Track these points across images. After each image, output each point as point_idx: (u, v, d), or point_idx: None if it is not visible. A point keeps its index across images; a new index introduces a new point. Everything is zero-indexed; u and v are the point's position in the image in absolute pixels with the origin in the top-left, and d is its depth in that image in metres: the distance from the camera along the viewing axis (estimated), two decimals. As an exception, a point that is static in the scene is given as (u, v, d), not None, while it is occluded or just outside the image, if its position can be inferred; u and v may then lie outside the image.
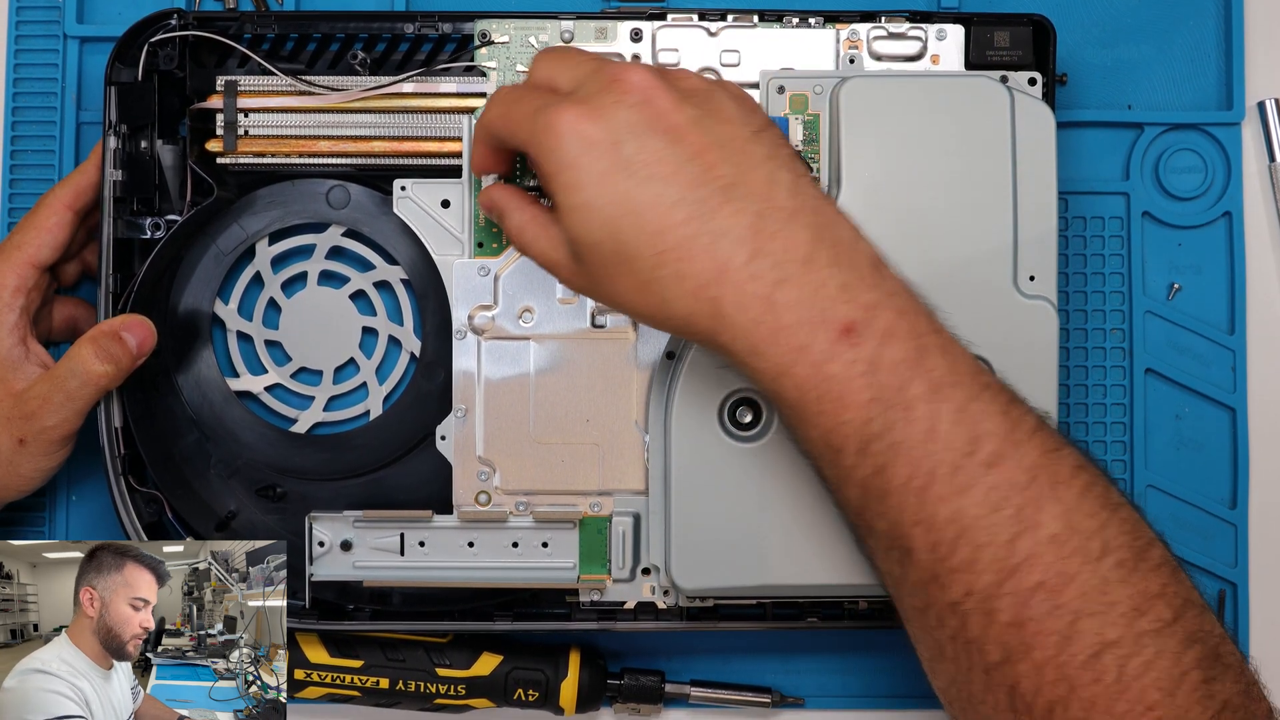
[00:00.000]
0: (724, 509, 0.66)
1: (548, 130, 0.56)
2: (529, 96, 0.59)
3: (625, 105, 0.56)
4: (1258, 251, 0.76)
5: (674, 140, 0.56)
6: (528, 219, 0.61)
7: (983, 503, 0.53)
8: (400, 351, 0.72)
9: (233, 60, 0.70)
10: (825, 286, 0.54)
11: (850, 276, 0.55)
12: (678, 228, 0.55)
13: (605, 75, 0.57)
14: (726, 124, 0.57)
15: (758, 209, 0.55)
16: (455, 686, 0.71)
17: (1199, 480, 0.74)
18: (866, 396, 0.54)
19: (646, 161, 0.55)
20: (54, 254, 0.68)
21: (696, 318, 0.55)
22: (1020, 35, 0.69)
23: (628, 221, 0.55)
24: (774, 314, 0.54)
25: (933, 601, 0.55)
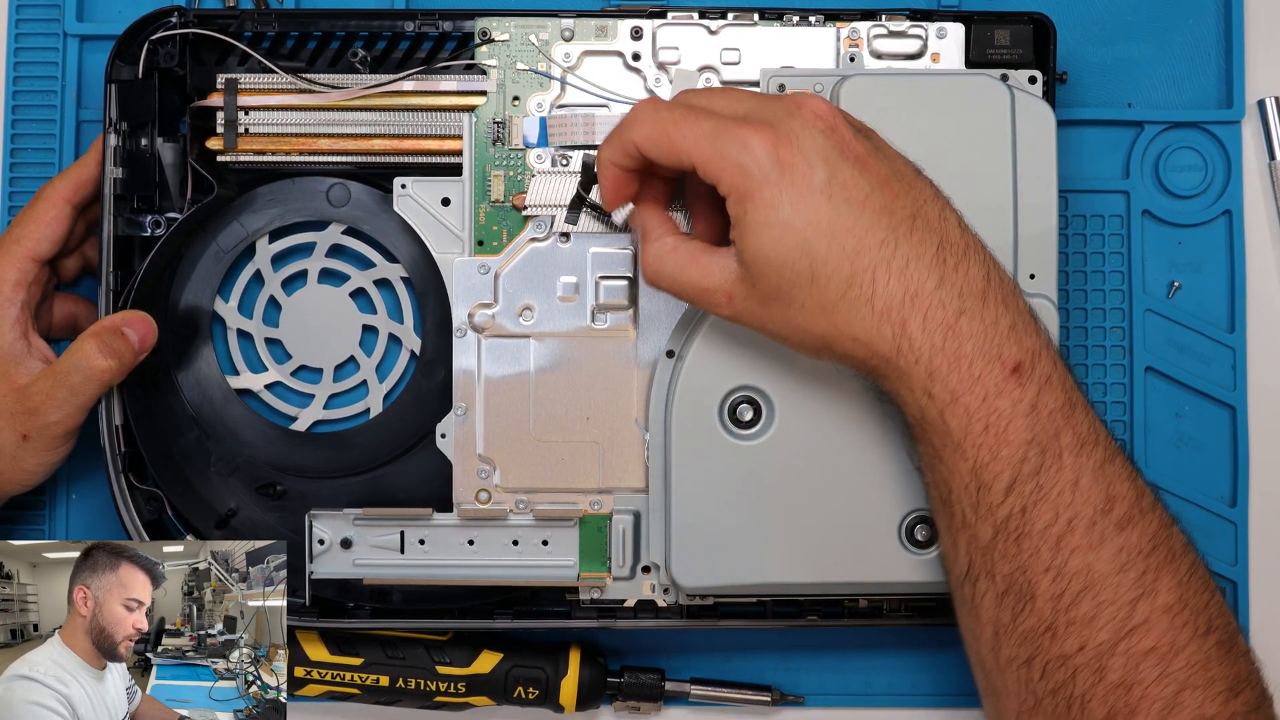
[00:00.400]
0: (724, 507, 0.66)
1: (742, 150, 0.57)
2: (697, 116, 0.59)
3: (815, 130, 0.57)
4: (1258, 250, 0.76)
5: (862, 169, 0.57)
6: (670, 248, 0.61)
7: (1112, 561, 0.55)
8: (400, 349, 0.72)
9: (233, 58, 0.70)
10: (999, 324, 0.57)
11: (1017, 319, 0.57)
12: (873, 250, 0.56)
13: (788, 101, 0.59)
14: (894, 160, 0.59)
15: (938, 240, 0.57)
16: (455, 684, 0.71)
17: (1199, 478, 0.74)
18: (1026, 436, 0.56)
19: (843, 186, 0.57)
20: (53, 248, 0.68)
21: (879, 340, 0.57)
22: (1020, 33, 0.69)
23: (824, 242, 0.56)
24: (957, 341, 0.56)
25: (1041, 652, 0.56)
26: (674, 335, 0.68)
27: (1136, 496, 0.57)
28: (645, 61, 0.69)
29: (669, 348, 0.68)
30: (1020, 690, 0.57)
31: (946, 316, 0.56)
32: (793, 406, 0.65)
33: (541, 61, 0.69)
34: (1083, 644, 0.55)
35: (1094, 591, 0.55)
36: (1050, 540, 0.56)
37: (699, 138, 0.58)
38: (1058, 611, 0.56)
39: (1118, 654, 0.55)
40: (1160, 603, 0.55)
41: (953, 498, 0.58)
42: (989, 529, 0.57)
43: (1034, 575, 0.56)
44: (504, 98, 0.69)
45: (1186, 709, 0.54)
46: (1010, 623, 0.57)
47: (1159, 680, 0.54)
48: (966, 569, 0.59)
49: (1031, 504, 0.56)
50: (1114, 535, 0.56)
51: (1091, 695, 0.55)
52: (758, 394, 0.66)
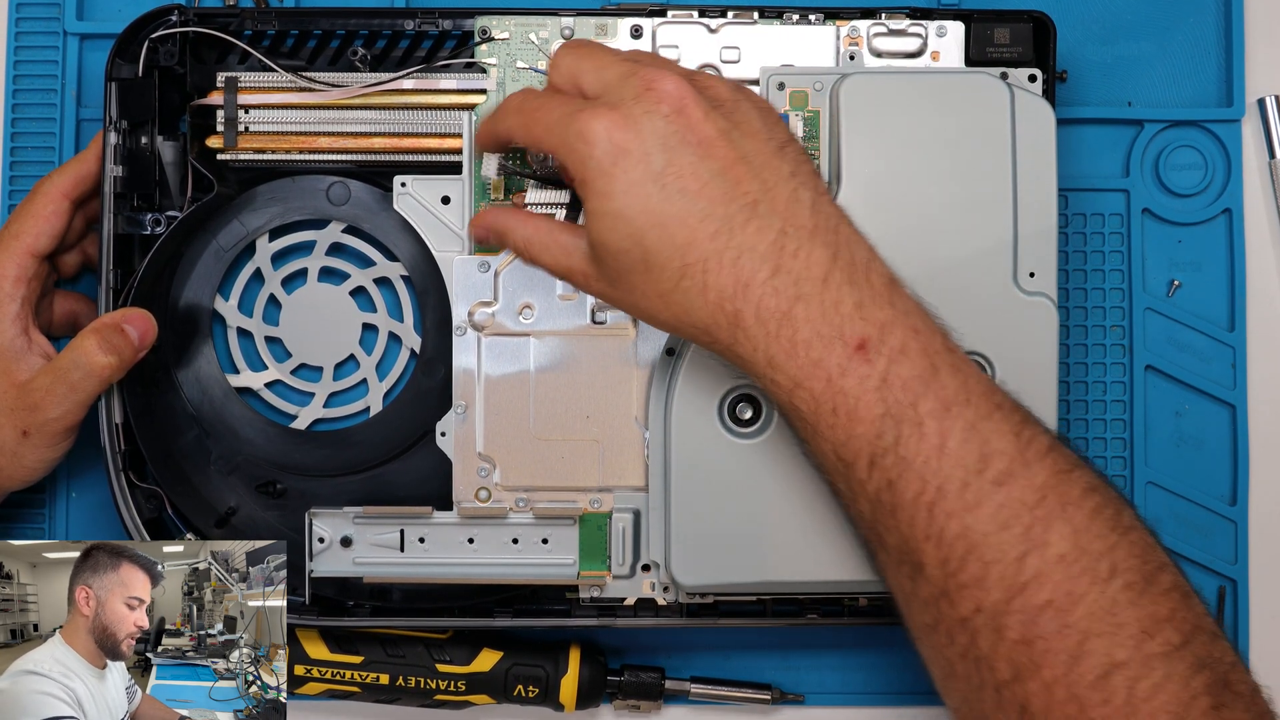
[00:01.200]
0: (724, 505, 0.66)
1: (580, 137, 0.57)
2: (554, 102, 0.59)
3: (658, 115, 0.57)
4: (1258, 248, 0.76)
5: (704, 154, 0.57)
6: (532, 232, 0.62)
7: (991, 520, 0.54)
8: (400, 348, 0.72)
9: (233, 56, 0.70)
10: (841, 304, 0.56)
11: (865, 295, 0.56)
12: (704, 242, 0.56)
13: (637, 81, 0.58)
14: (752, 138, 0.58)
15: (780, 226, 0.56)
16: (455, 682, 0.71)
17: (1199, 477, 0.74)
18: (878, 411, 0.55)
19: (677, 174, 0.56)
20: (52, 243, 0.68)
21: (716, 329, 0.57)
22: (1020, 32, 0.69)
23: (655, 233, 0.56)
24: (792, 328, 0.56)
25: (942, 617, 0.55)
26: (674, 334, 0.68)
27: (1019, 449, 0.55)
28: (645, 60, 0.69)
29: (669, 346, 0.68)
30: (935, 656, 0.57)
31: (780, 304, 0.56)
32: (793, 405, 0.65)
33: (541, 60, 0.69)
34: (977, 606, 0.54)
35: (978, 553, 0.54)
36: (923, 508, 0.55)
37: (550, 126, 0.59)
38: (947, 576, 0.55)
39: (1013, 612, 0.53)
40: (1052, 554, 0.53)
41: (829, 478, 0.58)
42: (866, 504, 0.57)
43: (917, 544, 0.55)
44: (504, 96, 0.69)
45: (1093, 656, 0.52)
46: (911, 590, 0.56)
47: (1059, 632, 0.53)
48: (866, 540, 0.59)
49: (897, 476, 0.55)
50: (991, 493, 0.54)
51: (995, 655, 0.54)
52: (758, 392, 0.66)
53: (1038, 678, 0.53)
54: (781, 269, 0.56)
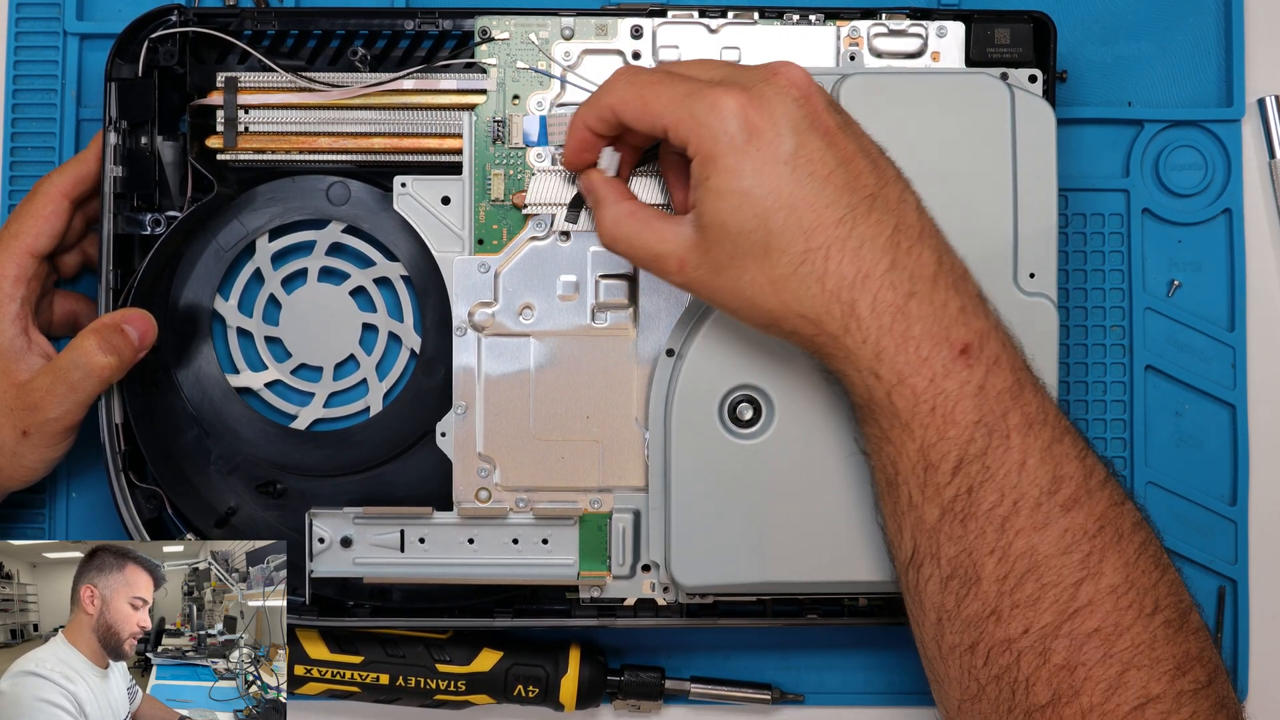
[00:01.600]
0: (724, 506, 0.66)
1: (712, 111, 0.57)
2: (673, 79, 0.59)
3: (789, 99, 0.57)
4: (1258, 248, 0.76)
5: (829, 142, 0.57)
6: (625, 213, 0.61)
7: (1056, 543, 0.55)
8: (400, 348, 0.72)
9: (233, 57, 0.70)
10: (948, 306, 0.57)
11: (966, 302, 0.57)
12: (829, 228, 0.56)
13: (762, 68, 0.58)
14: (863, 137, 0.59)
15: (895, 223, 0.57)
16: (455, 682, 0.71)
17: (1199, 477, 0.74)
18: (974, 417, 0.56)
19: (807, 159, 0.56)
20: (51, 243, 0.68)
21: (828, 318, 0.57)
22: (1020, 32, 0.69)
23: (782, 215, 0.56)
24: (905, 323, 0.56)
25: (984, 637, 0.56)
26: (674, 334, 0.68)
27: (1084, 476, 0.56)
28: (645, 60, 0.69)
29: (669, 346, 0.68)
30: (963, 678, 0.57)
31: (896, 299, 0.56)
32: (793, 406, 0.65)
33: (541, 60, 0.69)
34: (1027, 627, 0.55)
35: (1038, 574, 0.55)
36: (995, 521, 0.56)
37: (671, 99, 0.58)
38: (1002, 594, 0.55)
39: (1061, 636, 0.55)
40: (1105, 584, 0.55)
41: (899, 479, 0.58)
42: (935, 510, 0.57)
43: (979, 557, 0.56)
44: (504, 96, 0.69)
45: (1131, 688, 0.54)
46: (954, 608, 0.57)
47: (1103, 661, 0.54)
48: (911, 554, 0.59)
49: (978, 484, 0.56)
50: (1059, 517, 0.55)
51: (1036, 678, 0.55)
52: (758, 393, 0.66)
53: (1075, 704, 0.54)
54: (897, 264, 0.56)
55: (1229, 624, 0.74)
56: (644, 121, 0.59)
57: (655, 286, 0.68)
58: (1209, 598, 0.74)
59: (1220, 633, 0.74)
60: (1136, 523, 0.57)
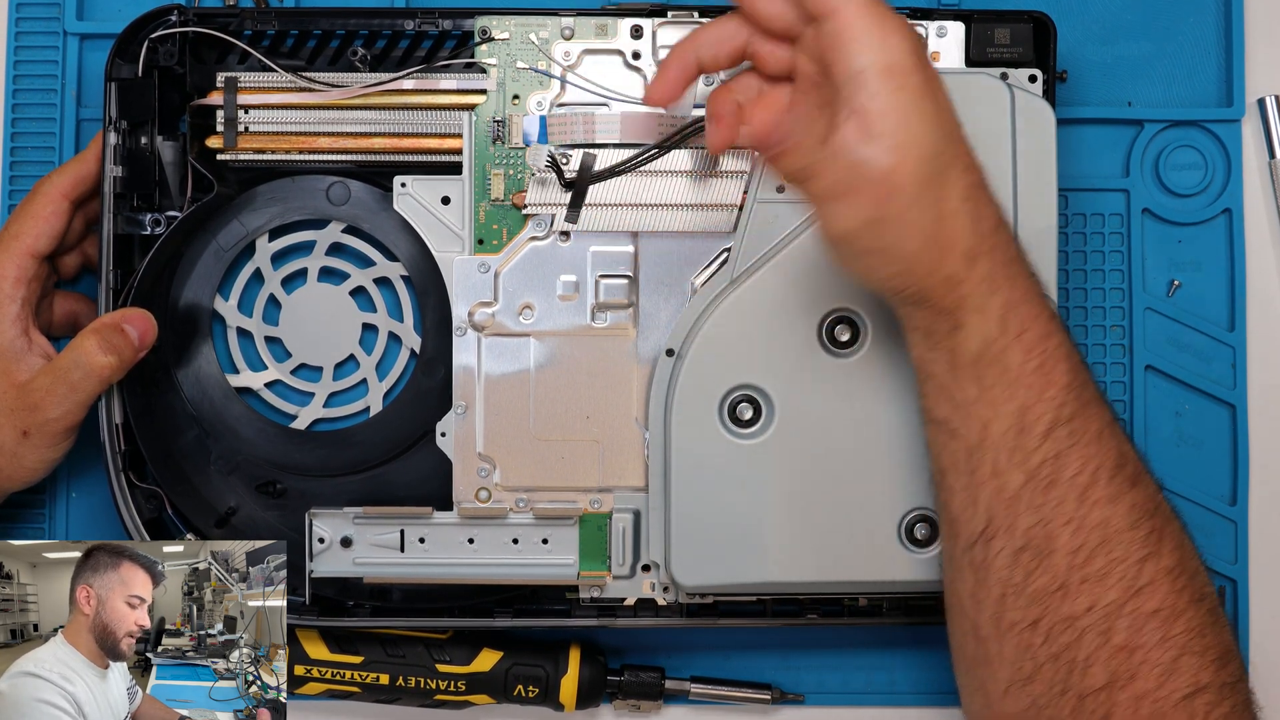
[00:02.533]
0: (724, 506, 0.66)
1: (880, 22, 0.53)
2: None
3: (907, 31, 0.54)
4: (1258, 248, 0.76)
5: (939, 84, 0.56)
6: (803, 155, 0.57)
7: (1126, 516, 0.55)
8: (400, 348, 0.72)
9: (233, 57, 0.70)
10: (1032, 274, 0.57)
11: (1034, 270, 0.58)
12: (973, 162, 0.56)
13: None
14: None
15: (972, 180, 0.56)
16: (455, 682, 0.71)
17: (1199, 477, 0.74)
18: (1067, 380, 0.56)
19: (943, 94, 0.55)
20: (51, 243, 0.68)
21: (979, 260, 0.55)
22: (1020, 32, 0.69)
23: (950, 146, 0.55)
24: (1025, 278, 0.56)
25: (1048, 613, 0.56)
26: (674, 333, 0.68)
27: (1138, 457, 0.57)
28: (645, 60, 0.69)
29: (669, 346, 0.68)
30: (1019, 658, 0.57)
31: (1015, 254, 0.57)
32: (793, 406, 0.65)
33: (541, 60, 0.69)
34: (1092, 603, 0.55)
35: (1109, 547, 0.55)
36: (1077, 489, 0.55)
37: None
38: (1072, 568, 0.55)
39: (1124, 614, 0.54)
40: (1164, 564, 0.55)
41: (986, 444, 0.57)
42: (1020, 476, 0.56)
43: (1055, 529, 0.56)
44: (504, 96, 0.69)
45: (1184, 675, 0.54)
46: (1022, 582, 0.56)
47: (1160, 644, 0.54)
48: (984, 526, 0.57)
49: (1065, 449, 0.56)
50: (1128, 490, 0.56)
51: (1095, 659, 0.55)
52: (758, 393, 0.66)
53: (1131, 688, 0.54)
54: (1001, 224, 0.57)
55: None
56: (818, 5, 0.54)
57: (655, 286, 0.68)
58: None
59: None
60: (1174, 510, 0.58)
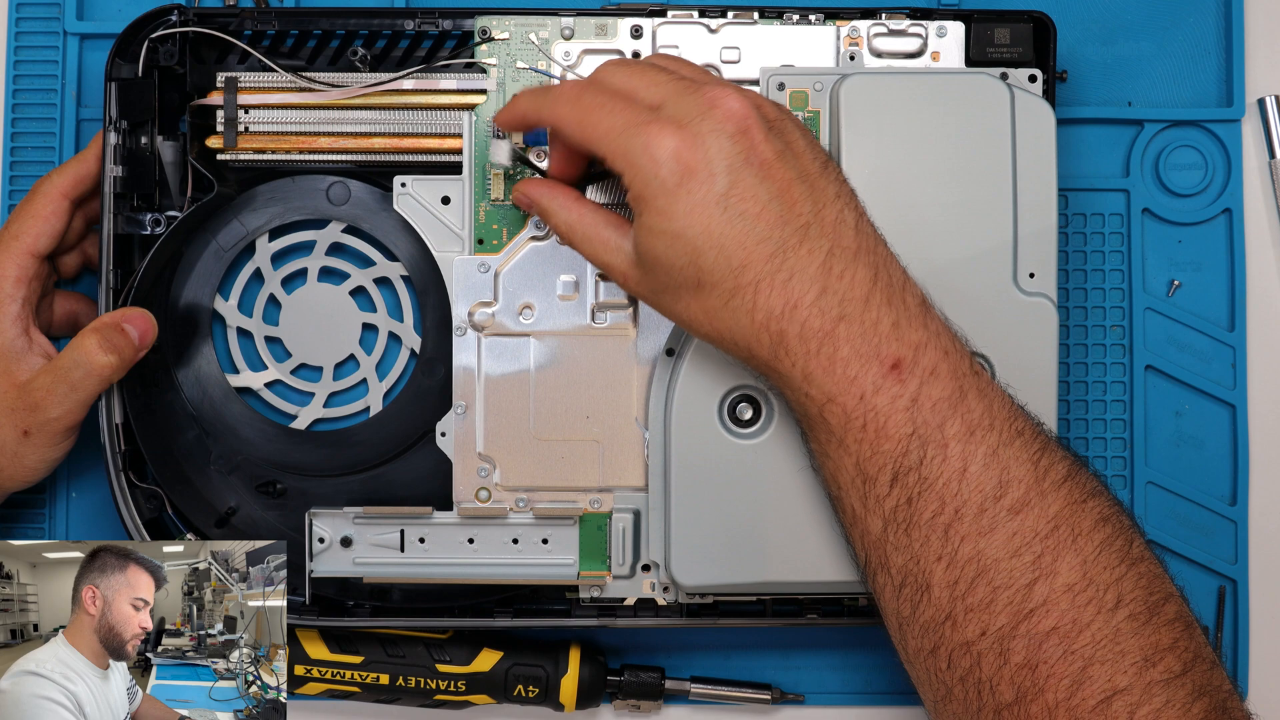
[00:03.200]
0: (724, 505, 0.66)
1: (645, 151, 0.57)
2: (616, 105, 0.59)
3: (724, 135, 0.57)
4: (1258, 248, 0.76)
5: (764, 176, 0.57)
6: (576, 219, 0.63)
7: (1004, 546, 0.56)
8: (400, 348, 0.72)
9: (233, 56, 0.70)
10: (880, 324, 0.57)
11: (901, 315, 0.57)
12: (759, 264, 0.57)
13: (702, 98, 0.58)
14: (800, 158, 0.59)
15: (829, 248, 0.57)
16: (455, 682, 0.71)
17: (1199, 477, 0.74)
18: (907, 430, 0.56)
19: (740, 197, 0.57)
20: (51, 243, 0.68)
21: (758, 346, 0.58)
22: (1020, 32, 0.69)
23: (712, 255, 0.57)
24: (833, 346, 0.57)
25: (944, 641, 0.56)
26: (674, 333, 0.68)
27: (1036, 479, 0.56)
28: (645, 60, 0.69)
29: (669, 346, 0.68)
30: (930, 680, 0.58)
31: (825, 324, 0.57)
32: (792, 405, 0.65)
33: (541, 60, 0.69)
34: (983, 629, 0.55)
35: (988, 577, 0.55)
36: (939, 529, 0.56)
37: (609, 131, 0.58)
38: (955, 599, 0.56)
39: (1019, 636, 0.55)
40: (1060, 582, 0.55)
41: (841, 492, 0.59)
42: (879, 521, 0.57)
43: (927, 565, 0.56)
44: (504, 96, 0.69)
45: (1095, 683, 0.54)
46: (910, 614, 0.57)
47: (1063, 658, 0.54)
48: (865, 562, 0.59)
49: (916, 495, 0.56)
50: (1006, 520, 0.56)
51: (998, 678, 0.55)
52: (757, 393, 0.66)
53: (1040, 701, 0.54)
54: (828, 290, 0.57)
55: (1229, 624, 0.74)
56: (582, 145, 0.60)
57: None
58: (1209, 598, 0.74)
59: (1220, 632, 0.74)
60: (1100, 519, 0.57)
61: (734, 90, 0.59)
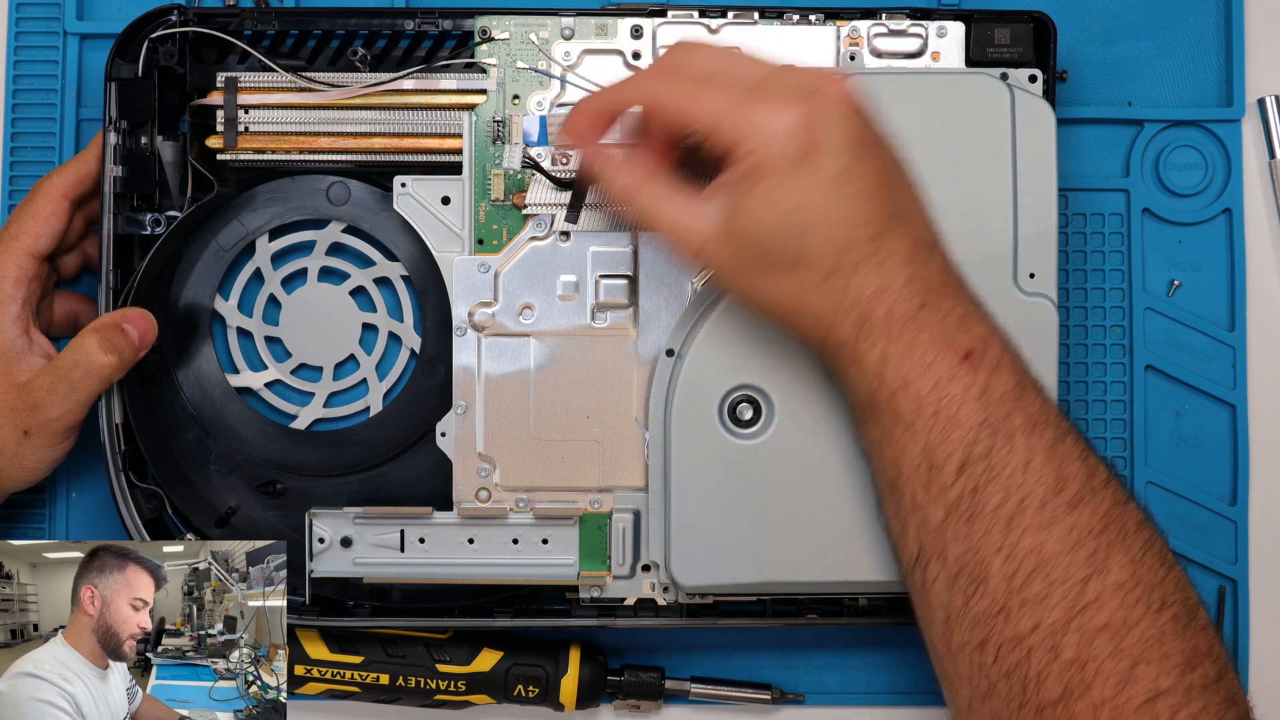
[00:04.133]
0: (724, 506, 0.66)
1: (766, 124, 0.57)
2: (718, 83, 0.58)
3: (843, 113, 0.58)
4: (1258, 248, 0.75)
5: (874, 157, 0.58)
6: (649, 175, 0.61)
7: (1063, 540, 0.56)
8: (400, 348, 0.72)
9: (233, 56, 0.70)
10: (953, 314, 0.58)
11: (969, 309, 0.58)
12: (861, 245, 0.57)
13: (807, 76, 0.58)
14: (889, 148, 0.59)
15: (914, 236, 0.58)
16: (455, 682, 0.71)
17: (1199, 477, 0.74)
18: (978, 419, 0.57)
19: (858, 176, 0.57)
20: (51, 243, 0.68)
21: (841, 325, 0.58)
22: (1020, 32, 0.69)
23: (821, 234, 0.57)
24: (914, 331, 0.57)
25: (994, 634, 0.56)
26: (674, 334, 0.68)
27: (1088, 475, 0.57)
28: (645, 60, 0.69)
29: (669, 346, 0.68)
30: (973, 675, 0.58)
31: (909, 309, 0.57)
32: (793, 406, 0.65)
33: (541, 60, 0.69)
34: (1036, 623, 0.56)
35: (1046, 570, 0.56)
36: (1002, 520, 0.56)
37: (719, 105, 0.58)
38: (1010, 592, 0.56)
39: (1071, 631, 0.55)
40: (1112, 580, 0.55)
41: (902, 480, 0.59)
42: (940, 510, 0.57)
43: (986, 556, 0.56)
44: (504, 96, 0.69)
45: (1141, 682, 0.54)
46: (962, 606, 0.57)
47: (1113, 656, 0.55)
48: (917, 554, 0.59)
49: (983, 484, 0.57)
50: (1065, 515, 0.56)
51: (1047, 674, 0.55)
52: (758, 393, 0.66)
53: (1087, 698, 0.55)
54: (914, 277, 0.57)
55: (1229, 624, 0.74)
56: (683, 119, 0.58)
57: (655, 286, 0.68)
58: (1209, 598, 0.74)
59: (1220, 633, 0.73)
60: (1140, 521, 0.57)
61: (829, 72, 0.59)
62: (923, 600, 0.59)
